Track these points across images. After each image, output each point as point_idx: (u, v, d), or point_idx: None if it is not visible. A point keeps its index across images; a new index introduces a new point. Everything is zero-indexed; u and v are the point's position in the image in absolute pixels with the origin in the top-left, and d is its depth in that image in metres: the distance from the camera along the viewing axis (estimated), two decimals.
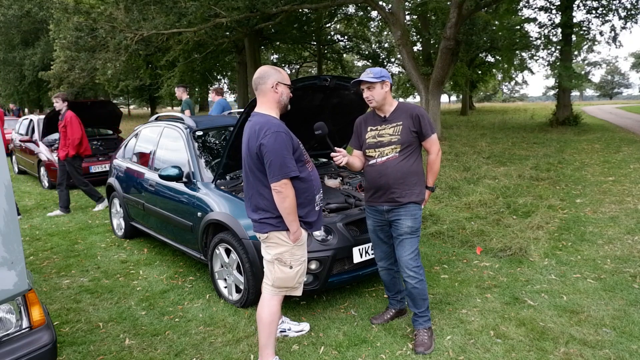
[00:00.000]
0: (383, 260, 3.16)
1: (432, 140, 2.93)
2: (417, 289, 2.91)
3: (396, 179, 2.87)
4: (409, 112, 2.92)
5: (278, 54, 31.42)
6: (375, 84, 2.86)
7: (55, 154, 8.60)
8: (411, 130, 2.88)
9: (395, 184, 2.87)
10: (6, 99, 33.21)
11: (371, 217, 3.08)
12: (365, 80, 2.86)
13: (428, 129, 2.89)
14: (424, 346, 2.87)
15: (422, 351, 2.84)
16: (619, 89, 77.05)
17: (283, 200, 2.45)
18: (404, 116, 2.92)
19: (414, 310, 3.00)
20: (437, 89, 12.82)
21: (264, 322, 2.63)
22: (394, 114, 2.94)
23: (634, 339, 2.92)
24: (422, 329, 2.96)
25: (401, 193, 2.88)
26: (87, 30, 14.50)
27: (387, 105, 2.95)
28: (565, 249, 4.58)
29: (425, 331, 2.95)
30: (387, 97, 2.93)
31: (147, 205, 4.67)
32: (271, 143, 2.40)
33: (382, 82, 2.87)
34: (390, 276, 3.20)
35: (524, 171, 8.20)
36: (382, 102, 2.92)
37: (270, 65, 2.70)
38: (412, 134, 2.88)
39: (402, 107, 2.96)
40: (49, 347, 2.09)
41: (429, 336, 2.93)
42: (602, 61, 66.39)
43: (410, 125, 2.88)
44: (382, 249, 3.12)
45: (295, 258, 2.61)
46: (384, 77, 2.87)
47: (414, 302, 2.96)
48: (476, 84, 35.04)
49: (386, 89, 2.90)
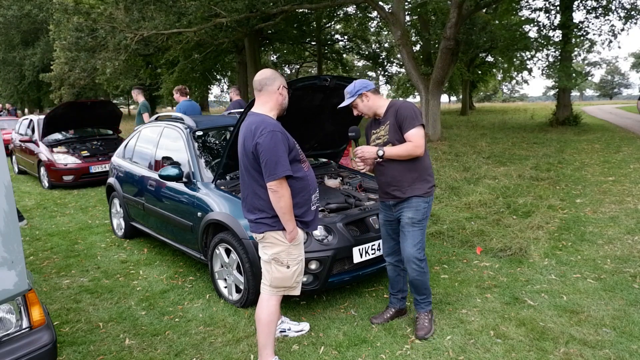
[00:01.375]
0: (390, 256, 3.21)
1: (410, 135, 2.83)
2: (418, 280, 3.00)
3: (394, 177, 2.94)
4: (395, 108, 2.94)
5: (278, 54, 31.43)
6: (355, 101, 2.96)
7: (55, 154, 8.63)
8: (397, 126, 2.90)
9: (394, 182, 2.95)
10: (6, 99, 33.22)
11: (382, 211, 3.18)
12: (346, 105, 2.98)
13: (407, 123, 2.84)
14: (425, 330, 3.00)
15: (422, 335, 2.97)
16: (619, 89, 77.08)
17: (279, 199, 2.46)
18: (390, 114, 2.96)
19: (415, 296, 3.10)
20: (437, 89, 12.83)
21: (263, 322, 2.63)
22: (385, 114, 3.00)
23: (634, 339, 2.92)
24: (424, 312, 3.08)
25: (402, 189, 2.94)
26: (87, 30, 14.51)
27: (379, 109, 3.01)
28: (565, 249, 4.58)
29: (426, 314, 3.07)
30: (374, 103, 2.99)
31: (147, 205, 4.67)
32: (267, 142, 2.41)
33: (360, 96, 2.94)
34: (395, 273, 3.24)
35: (524, 171, 8.21)
36: (371, 110, 3.01)
37: (271, 69, 2.73)
38: (399, 130, 2.90)
39: (391, 106, 2.99)
40: (49, 347, 2.09)
41: (429, 319, 3.06)
42: (602, 61, 66.53)
43: (394, 122, 2.91)
44: (390, 244, 3.18)
45: (292, 257, 2.61)
46: (359, 91, 2.94)
47: (416, 289, 3.08)
48: (476, 84, 35.05)
49: (367, 100, 2.97)
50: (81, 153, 8.83)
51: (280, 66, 33.45)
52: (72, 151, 8.87)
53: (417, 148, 2.84)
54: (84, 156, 8.76)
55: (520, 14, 19.01)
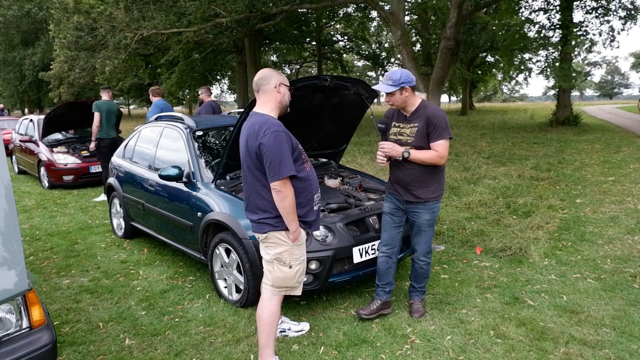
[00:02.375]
0: (387, 246, 3.24)
1: (437, 145, 2.93)
2: (423, 270, 3.27)
3: (413, 178, 3.01)
4: (426, 115, 2.95)
5: (278, 53, 31.43)
6: (395, 91, 2.95)
7: (55, 154, 8.63)
8: (425, 132, 2.93)
9: (412, 182, 3.02)
10: (7, 100, 33.21)
11: (389, 201, 3.23)
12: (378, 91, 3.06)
13: (437, 132, 2.91)
14: (419, 312, 3.27)
15: (418, 317, 3.24)
16: (619, 89, 77.12)
17: (283, 199, 2.45)
18: (421, 118, 2.97)
19: (413, 284, 3.35)
20: (437, 89, 12.82)
21: (264, 322, 2.64)
22: (414, 114, 3.01)
23: (634, 339, 2.92)
24: (418, 299, 3.35)
25: (419, 191, 3.02)
26: (87, 30, 14.52)
27: (410, 106, 3.03)
28: (565, 249, 4.58)
29: (420, 301, 3.35)
30: (408, 100, 3.00)
31: (147, 205, 4.67)
32: (271, 142, 2.41)
33: (402, 89, 2.93)
34: (387, 265, 3.26)
35: (524, 171, 8.21)
36: (402, 105, 3.02)
37: (270, 68, 2.72)
38: (426, 137, 2.94)
39: (422, 108, 3.00)
40: (49, 347, 2.09)
41: (422, 305, 3.34)
42: (602, 61, 66.58)
43: (424, 128, 2.93)
44: (391, 233, 3.22)
45: (294, 258, 2.61)
46: (403, 84, 2.93)
47: (417, 279, 3.31)
48: (476, 84, 35.05)
49: (406, 94, 2.97)
50: (81, 153, 8.82)
51: (280, 66, 33.45)
52: (72, 151, 8.87)
53: (441, 159, 2.94)
54: (84, 156, 8.75)
55: (520, 14, 18.98)
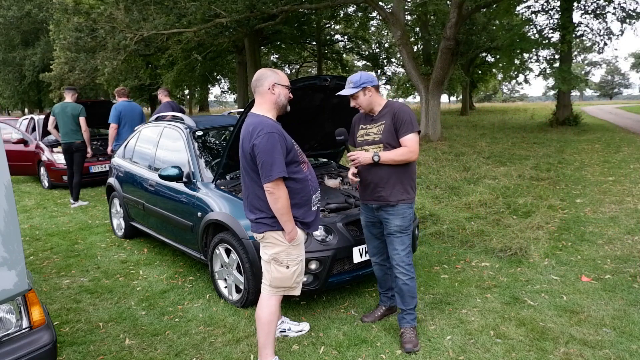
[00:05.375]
0: (376, 256, 3.21)
1: (407, 139, 2.84)
2: (407, 286, 2.95)
3: (381, 178, 2.90)
4: (393, 111, 2.92)
5: (278, 54, 31.42)
6: (358, 92, 2.92)
7: (55, 154, 8.62)
8: (393, 128, 2.89)
9: (381, 183, 2.91)
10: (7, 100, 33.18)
11: (364, 213, 3.15)
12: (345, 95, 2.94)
13: (405, 127, 2.84)
14: (412, 343, 2.90)
15: (410, 348, 2.87)
16: (619, 89, 77.11)
17: (275, 201, 2.46)
18: (388, 115, 2.93)
19: (401, 307, 3.02)
20: (437, 89, 12.83)
21: (263, 322, 2.64)
22: (381, 112, 2.98)
23: (634, 339, 2.92)
24: (409, 327, 2.99)
25: (387, 192, 2.91)
26: (87, 30, 14.51)
27: (376, 106, 2.99)
28: (565, 249, 4.58)
29: (411, 330, 2.98)
30: (374, 100, 2.97)
31: (147, 205, 4.67)
32: (263, 144, 2.41)
33: (364, 89, 2.91)
34: (382, 272, 3.24)
35: (524, 171, 8.20)
36: (370, 106, 2.98)
37: (268, 68, 2.72)
38: (394, 132, 2.89)
39: (389, 106, 2.98)
40: (49, 347, 2.09)
41: (415, 335, 2.97)
42: (602, 61, 66.55)
43: (391, 124, 2.89)
44: (374, 244, 3.18)
45: (291, 258, 2.61)
46: (365, 84, 2.90)
47: (403, 299, 2.99)
48: (476, 84, 35.04)
49: (370, 94, 2.94)
50: None
51: (280, 66, 33.45)
52: None
53: (412, 153, 2.85)
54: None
55: (520, 15, 18.97)
